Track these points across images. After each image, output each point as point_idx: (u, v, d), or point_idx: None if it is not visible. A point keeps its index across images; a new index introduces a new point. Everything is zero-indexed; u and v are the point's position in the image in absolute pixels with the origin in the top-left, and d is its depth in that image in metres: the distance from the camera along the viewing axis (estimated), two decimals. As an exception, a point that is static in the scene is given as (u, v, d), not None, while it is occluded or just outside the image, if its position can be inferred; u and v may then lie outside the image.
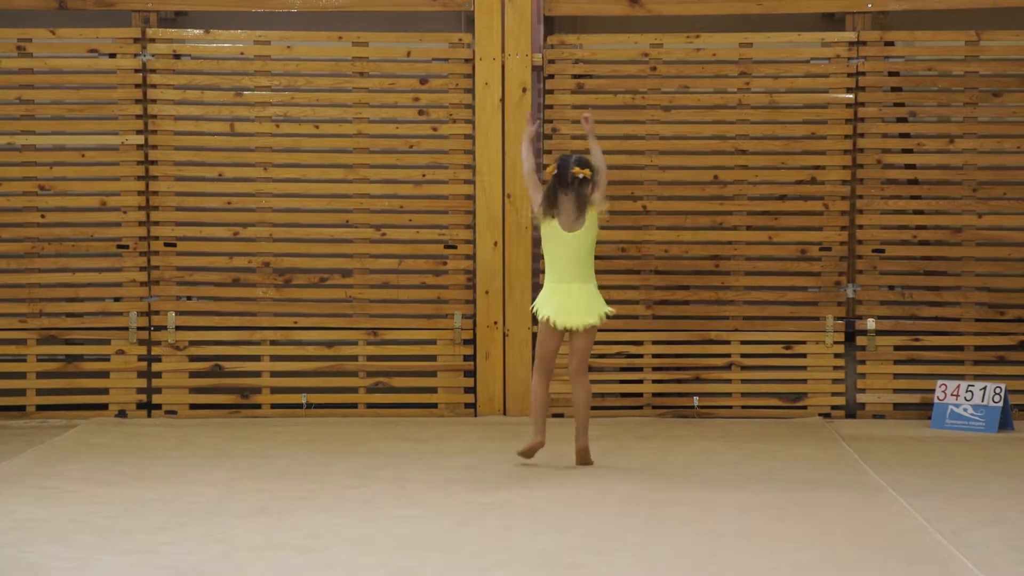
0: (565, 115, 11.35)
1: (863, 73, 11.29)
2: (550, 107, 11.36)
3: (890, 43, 11.34)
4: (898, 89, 11.37)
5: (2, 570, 6.65)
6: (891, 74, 11.36)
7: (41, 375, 11.32)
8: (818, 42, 11.36)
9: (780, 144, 11.38)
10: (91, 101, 11.39)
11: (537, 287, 11.35)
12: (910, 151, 11.40)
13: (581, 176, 9.17)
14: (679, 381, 11.33)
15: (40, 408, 11.26)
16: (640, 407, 11.30)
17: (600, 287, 11.41)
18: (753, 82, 11.34)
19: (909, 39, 11.41)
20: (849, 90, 11.30)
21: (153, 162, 11.34)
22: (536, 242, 11.36)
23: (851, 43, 11.27)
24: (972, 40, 11.27)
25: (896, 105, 11.35)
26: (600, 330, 11.36)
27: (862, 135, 11.32)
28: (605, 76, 11.40)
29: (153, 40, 11.32)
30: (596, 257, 11.38)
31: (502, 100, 11.30)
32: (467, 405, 11.33)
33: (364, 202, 11.37)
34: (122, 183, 11.35)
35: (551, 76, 11.37)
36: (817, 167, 11.35)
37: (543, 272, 11.34)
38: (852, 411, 11.31)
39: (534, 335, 11.32)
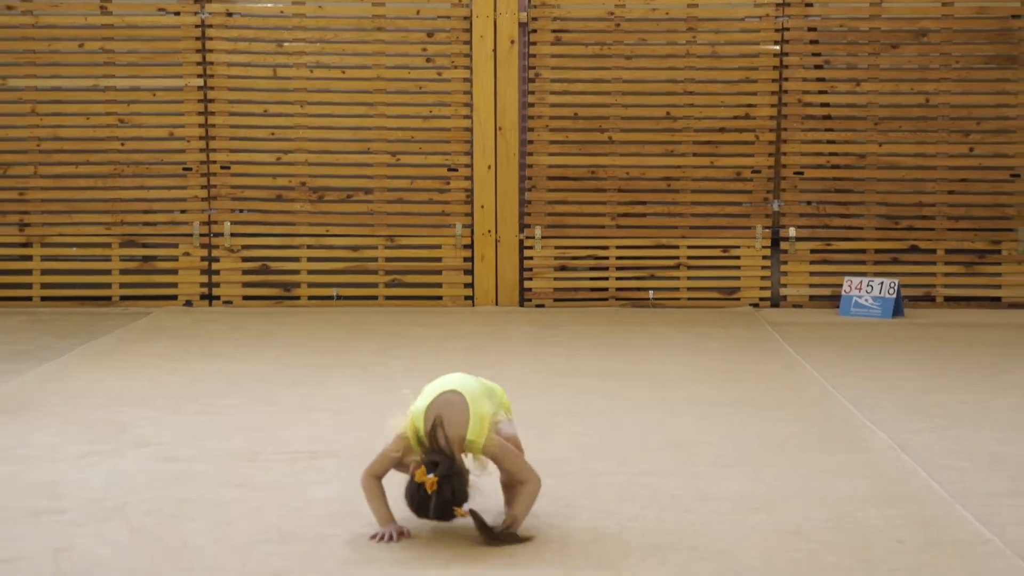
0: (546, 63, 11.30)
1: (787, 29, 11.25)
2: (533, 56, 11.31)
3: (809, 4, 11.28)
4: (815, 42, 11.33)
5: (97, 424, 6.71)
6: (810, 29, 11.31)
7: (123, 272, 11.33)
8: (751, 3, 11.29)
9: (720, 87, 11.35)
10: (160, 51, 11.32)
11: (523, 203, 11.37)
12: (825, 92, 11.38)
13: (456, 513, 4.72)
14: (638, 278, 11.36)
15: (122, 298, 11.28)
16: (606, 299, 11.34)
17: (572, 203, 11.47)
18: (698, 36, 11.29)
19: (824, 1, 11.37)
20: (776, 43, 11.26)
21: (211, 101, 11.30)
22: (522, 166, 11.38)
23: (778, 4, 11.21)
24: (876, 2, 11.24)
25: (814, 55, 11.32)
26: (573, 237, 11.41)
27: (786, 79, 11.29)
28: (578, 31, 11.34)
29: (210, 0, 11.26)
30: (570, 179, 11.44)
31: (494, 50, 11.25)
32: (466, 298, 11.36)
33: (382, 133, 11.35)
34: (185, 118, 11.31)
35: (534, 31, 11.31)
36: (750, 105, 11.33)
37: (529, 191, 11.39)
38: (776, 302, 11.36)
39: (521, 241, 11.37)
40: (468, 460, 4.82)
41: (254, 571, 4.49)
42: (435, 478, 4.62)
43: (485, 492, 4.84)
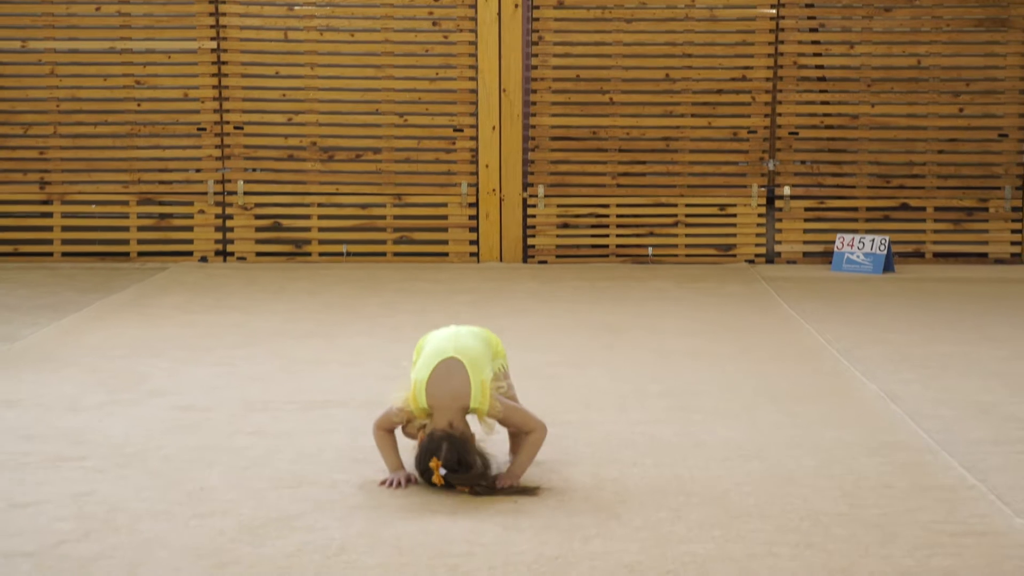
0: (549, 26, 11.26)
1: (783, -7, 11.24)
2: (536, 19, 11.27)
3: (805, -31, 11.27)
4: (811, 5, 11.27)
5: (116, 375, 6.74)
6: (805, -7, 11.30)
7: (140, 228, 11.33)
8: (748, -32, 11.27)
9: (718, 49, 11.32)
10: (174, 14, 11.27)
11: (526, 162, 11.37)
12: (819, 55, 11.34)
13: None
14: (637, 235, 11.36)
15: (140, 254, 11.30)
16: (607, 256, 11.35)
17: (574, 163, 11.45)
18: (697, 0, 11.25)
19: (820, -34, 11.34)
20: (772, 6, 11.21)
21: (224, 63, 11.27)
22: (526, 126, 11.36)
23: (774, -31, 11.20)
24: (870, -34, 11.22)
25: (809, 18, 11.28)
26: (575, 195, 11.41)
27: (782, 42, 11.25)
28: (580, -5, 11.32)
29: (223, -35, 11.25)
30: (572, 139, 11.42)
31: (499, 14, 11.20)
32: (472, 254, 11.37)
33: (390, 95, 11.32)
34: (200, 79, 11.29)
35: (538, -5, 11.30)
36: (747, 67, 11.30)
37: (532, 151, 11.38)
38: (771, 258, 11.37)
39: (525, 199, 11.37)
40: (473, 422, 4.81)
41: (268, 515, 4.53)
42: (440, 466, 4.63)
43: (493, 442, 4.89)
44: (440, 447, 4.67)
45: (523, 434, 4.88)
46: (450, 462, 4.65)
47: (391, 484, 4.81)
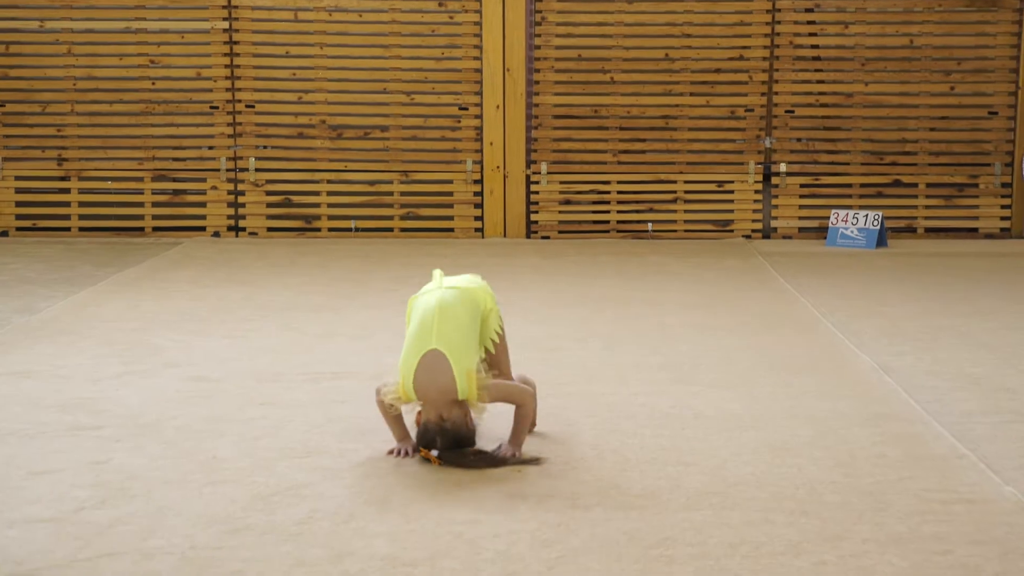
0: (552, 7, 11.21)
1: (780, -26, 11.18)
2: (540, 0, 11.22)
3: (801, -49, 11.21)
4: (807, -13, 11.26)
5: (131, 346, 6.74)
6: (802, -25, 11.24)
7: (155, 204, 11.32)
8: (746, -50, 11.22)
9: (716, 29, 11.26)
10: (188, -5, 11.27)
11: (530, 140, 11.34)
12: (815, 35, 11.29)
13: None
14: (637, 211, 11.34)
15: (154, 230, 11.28)
16: (607, 231, 11.32)
17: (576, 140, 11.43)
18: (696, -19, 11.22)
19: (816, -52, 11.28)
20: (769, -12, 11.19)
21: (236, 42, 11.24)
22: (529, 105, 11.33)
23: (771, -49, 11.14)
24: (864, -51, 11.16)
25: (805, -1, 11.26)
26: (576, 172, 11.38)
27: (779, 22, 11.20)
28: (582, -24, 11.27)
29: (234, -52, 11.20)
30: (574, 117, 11.39)
31: (503, -5, 11.18)
32: (476, 230, 11.34)
33: (397, 74, 11.28)
34: (212, 59, 11.25)
35: (541, -24, 11.24)
36: (744, 48, 11.25)
37: (535, 129, 11.36)
38: (767, 233, 11.34)
39: (528, 176, 11.34)
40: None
41: (278, 483, 4.52)
42: (436, 456, 4.64)
43: (491, 413, 4.88)
44: (434, 440, 4.67)
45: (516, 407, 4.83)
46: (445, 453, 4.65)
47: (398, 453, 4.80)
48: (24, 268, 9.40)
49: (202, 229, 11.28)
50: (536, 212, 11.34)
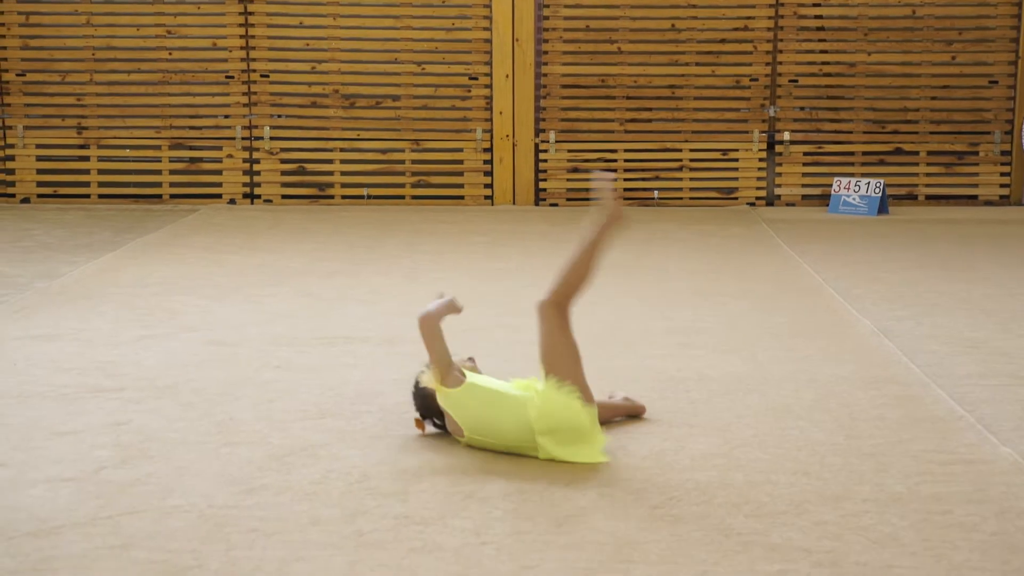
0: (560, -22, 11.22)
1: (785, -54, 11.10)
2: (548, -28, 11.21)
3: (806, -77, 11.13)
4: (811, -42, 11.19)
5: (150, 311, 6.75)
6: (806, -53, 11.17)
7: (172, 172, 11.32)
8: (751, -78, 11.14)
9: (722, 0, 11.21)
10: (203, -33, 11.23)
11: (538, 109, 11.30)
12: (818, 4, 11.23)
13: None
14: (644, 179, 11.32)
15: (172, 197, 11.29)
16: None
17: (584, 109, 11.39)
18: (701, -47, 11.16)
19: (820, -80, 11.20)
20: (774, -41, 11.12)
21: (251, 13, 11.20)
22: (537, 75, 11.28)
23: (776, -77, 11.06)
24: (868, -80, 11.08)
25: (809, -30, 11.19)
26: (584, 141, 11.35)
27: (783, -7, 11.17)
28: (590, -52, 11.20)
29: (249, -80, 11.15)
30: (582, 87, 11.36)
31: (512, -34, 11.13)
32: (486, 197, 11.33)
33: (409, 44, 11.25)
34: (227, 29, 11.22)
35: (549, -52, 11.18)
36: (749, 18, 11.20)
37: (544, 98, 11.32)
38: (771, 200, 11.32)
39: (537, 145, 11.32)
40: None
41: (293, 444, 4.54)
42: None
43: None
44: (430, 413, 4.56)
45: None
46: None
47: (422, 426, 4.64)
48: (45, 234, 9.41)
49: (218, 196, 11.28)
50: (544, 180, 11.32)
